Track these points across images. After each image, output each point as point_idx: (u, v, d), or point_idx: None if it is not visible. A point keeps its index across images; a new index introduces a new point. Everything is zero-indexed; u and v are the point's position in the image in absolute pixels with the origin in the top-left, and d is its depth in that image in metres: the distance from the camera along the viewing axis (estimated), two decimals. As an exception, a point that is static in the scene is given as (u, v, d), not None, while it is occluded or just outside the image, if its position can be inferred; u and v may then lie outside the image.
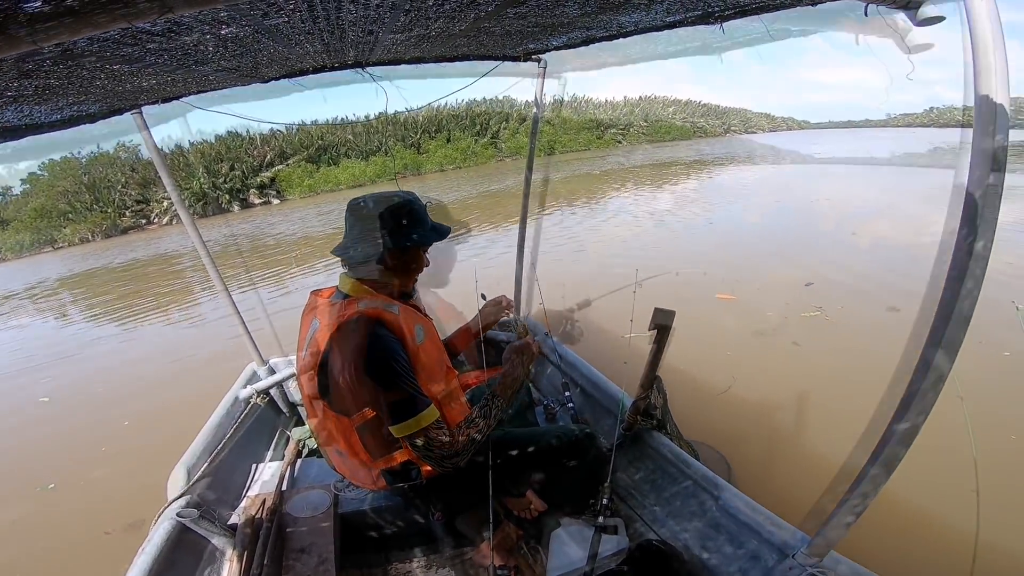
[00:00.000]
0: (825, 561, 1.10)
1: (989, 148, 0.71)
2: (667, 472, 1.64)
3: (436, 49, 1.74)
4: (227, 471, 1.87)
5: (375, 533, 1.65)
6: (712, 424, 2.67)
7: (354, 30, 1.24)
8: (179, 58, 1.16)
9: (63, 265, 16.47)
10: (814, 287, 4.82)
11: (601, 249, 7.43)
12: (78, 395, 4.74)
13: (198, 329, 6.34)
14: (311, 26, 1.14)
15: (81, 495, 3.04)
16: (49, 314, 9.09)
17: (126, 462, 3.27)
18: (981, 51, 0.69)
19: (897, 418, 0.87)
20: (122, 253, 16.56)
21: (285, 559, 1.44)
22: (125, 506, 2.67)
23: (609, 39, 1.68)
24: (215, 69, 1.35)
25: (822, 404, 2.95)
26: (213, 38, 1.07)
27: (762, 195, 11.98)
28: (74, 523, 2.74)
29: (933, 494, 2.18)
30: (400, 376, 1.16)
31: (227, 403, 2.16)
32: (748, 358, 3.61)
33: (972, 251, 0.75)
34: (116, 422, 3.93)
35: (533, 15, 1.26)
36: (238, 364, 2.51)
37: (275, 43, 1.22)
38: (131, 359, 5.59)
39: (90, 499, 2.97)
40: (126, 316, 7.54)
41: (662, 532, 1.53)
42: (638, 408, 1.70)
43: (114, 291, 9.91)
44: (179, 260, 12.82)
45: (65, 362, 5.80)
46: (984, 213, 0.73)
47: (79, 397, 4.68)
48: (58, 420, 4.21)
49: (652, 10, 1.23)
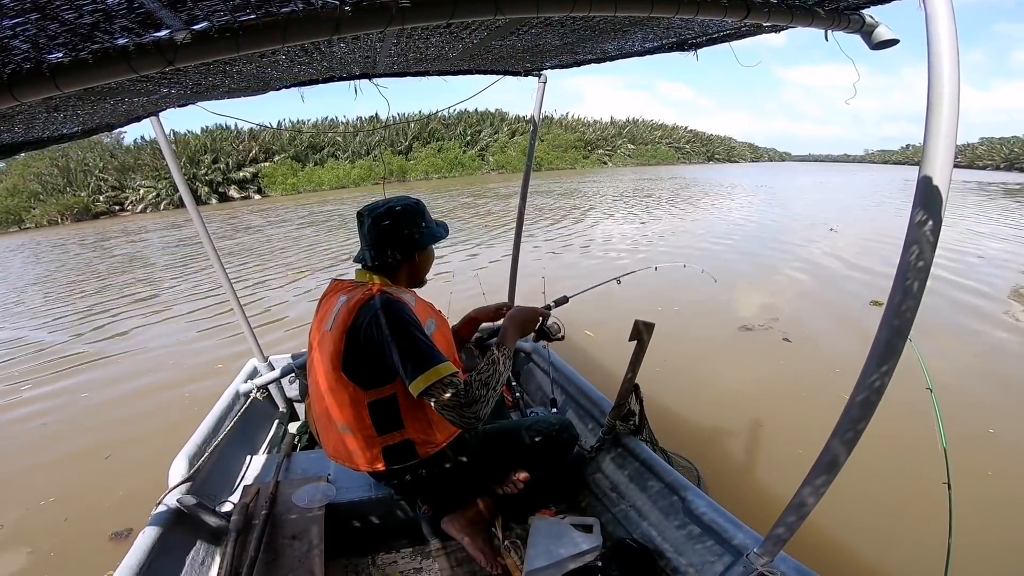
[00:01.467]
0: (776, 561, 1.17)
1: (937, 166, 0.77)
2: (641, 475, 1.73)
3: (439, 65, 1.84)
4: (225, 461, 1.94)
5: (364, 524, 1.71)
6: (686, 438, 2.80)
7: (352, 56, 1.35)
8: (192, 87, 1.26)
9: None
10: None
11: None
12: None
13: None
14: (309, 58, 1.24)
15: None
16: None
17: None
18: (936, 78, 0.74)
19: (841, 424, 0.93)
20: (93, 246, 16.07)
21: (278, 545, 1.50)
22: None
23: (596, 62, 1.85)
24: (227, 91, 1.46)
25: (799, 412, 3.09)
26: (221, 75, 1.17)
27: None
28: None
29: (906, 490, 2.35)
30: (419, 336, 1.27)
31: (228, 397, 2.22)
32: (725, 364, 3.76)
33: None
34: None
35: (521, 43, 1.39)
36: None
37: (278, 71, 1.33)
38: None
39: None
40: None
41: (634, 531, 1.61)
42: (617, 413, 1.79)
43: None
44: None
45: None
46: (931, 200, 0.77)
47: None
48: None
49: (630, 39, 1.38)
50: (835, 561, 2.00)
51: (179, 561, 1.47)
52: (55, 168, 26.85)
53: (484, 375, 1.27)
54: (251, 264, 9.26)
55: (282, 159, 33.58)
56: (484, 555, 1.55)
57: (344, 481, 1.76)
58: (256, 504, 1.62)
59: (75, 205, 25.70)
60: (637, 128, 53.71)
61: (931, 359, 3.63)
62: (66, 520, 2.59)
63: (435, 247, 1.55)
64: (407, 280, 1.51)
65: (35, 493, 2.83)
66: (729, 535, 1.35)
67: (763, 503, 2.25)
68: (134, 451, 3.16)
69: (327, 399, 1.39)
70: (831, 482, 0.98)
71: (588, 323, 4.62)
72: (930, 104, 0.76)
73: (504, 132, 41.79)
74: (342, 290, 1.43)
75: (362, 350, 1.30)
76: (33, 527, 2.57)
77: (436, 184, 31.39)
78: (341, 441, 1.44)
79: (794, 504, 1.04)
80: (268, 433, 2.35)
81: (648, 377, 3.40)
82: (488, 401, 1.25)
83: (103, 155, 28.87)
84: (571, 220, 12.66)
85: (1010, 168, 42.77)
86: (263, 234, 13.70)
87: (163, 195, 27.04)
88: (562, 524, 1.62)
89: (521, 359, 2.77)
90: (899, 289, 0.82)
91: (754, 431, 2.98)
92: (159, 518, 1.48)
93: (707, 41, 1.34)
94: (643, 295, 5.50)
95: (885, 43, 0.96)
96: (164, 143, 2.04)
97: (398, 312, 1.29)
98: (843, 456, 0.93)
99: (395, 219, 1.43)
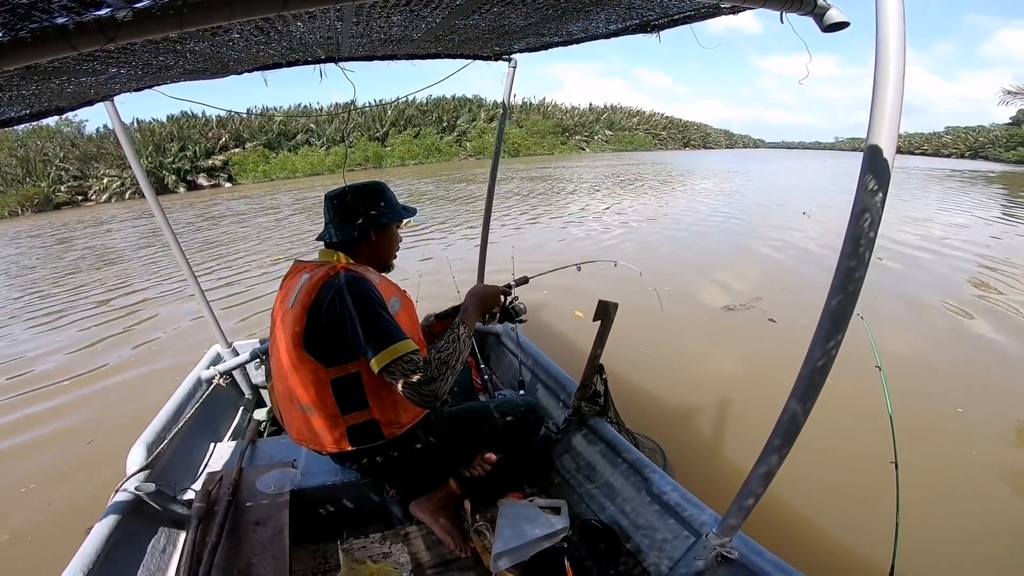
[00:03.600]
0: (734, 541, 1.21)
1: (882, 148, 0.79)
2: (606, 456, 1.75)
3: (406, 48, 1.81)
4: (187, 449, 1.90)
5: (331, 509, 1.70)
6: (652, 419, 2.85)
7: (313, 36, 1.32)
8: (142, 67, 1.22)
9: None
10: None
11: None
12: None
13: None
14: (266, 38, 1.21)
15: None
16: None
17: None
18: (883, 51, 0.77)
19: (790, 403, 0.96)
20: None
21: (242, 531, 1.47)
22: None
23: (563, 44, 1.85)
24: (182, 72, 1.42)
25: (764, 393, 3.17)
26: (172, 54, 1.14)
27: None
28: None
29: (861, 471, 2.44)
30: (381, 313, 1.27)
31: (189, 383, 2.17)
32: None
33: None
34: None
35: (485, 23, 1.38)
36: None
37: (235, 51, 1.29)
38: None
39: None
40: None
41: (600, 512, 1.63)
42: (582, 394, 1.81)
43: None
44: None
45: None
46: (879, 168, 0.80)
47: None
48: None
49: (594, 20, 1.38)
50: (792, 540, 2.07)
51: (139, 549, 1.44)
52: (13, 159, 25.70)
53: (444, 353, 1.27)
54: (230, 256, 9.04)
55: (253, 147, 32.70)
56: (453, 538, 1.56)
57: (311, 467, 1.75)
58: (219, 491, 1.59)
59: (35, 196, 24.66)
60: (615, 114, 53.73)
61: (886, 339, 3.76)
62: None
63: (409, 233, 1.55)
64: (368, 260, 1.51)
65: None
66: (690, 516, 1.38)
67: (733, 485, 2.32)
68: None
69: (290, 378, 1.38)
70: (782, 461, 1.01)
71: (577, 304, 4.69)
72: (877, 76, 0.79)
73: (482, 118, 41.35)
74: (305, 269, 1.43)
75: (324, 327, 1.30)
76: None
77: (413, 170, 31.00)
78: (305, 422, 1.43)
79: (749, 486, 1.08)
80: (233, 420, 2.31)
81: (639, 360, 3.50)
82: (447, 379, 1.25)
83: (64, 144, 27.71)
84: (553, 203, 12.71)
85: (975, 156, 42.89)
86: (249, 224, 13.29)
87: (128, 184, 26.12)
88: (530, 507, 1.64)
89: (491, 342, 2.78)
90: (851, 256, 0.84)
91: (723, 411, 3.06)
92: (117, 507, 1.44)
93: (669, 22, 1.35)
94: (631, 279, 5.59)
95: (836, 26, 0.98)
96: (119, 128, 1.98)
97: (362, 289, 1.28)
98: (797, 427, 0.96)
99: (354, 197, 1.47)
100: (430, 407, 1.27)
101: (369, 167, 33.87)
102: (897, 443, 1.30)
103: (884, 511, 1.85)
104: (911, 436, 2.40)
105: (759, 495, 1.09)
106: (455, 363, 1.29)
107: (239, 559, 1.39)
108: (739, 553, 1.19)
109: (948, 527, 2.16)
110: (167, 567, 1.47)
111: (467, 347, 1.34)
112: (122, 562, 1.36)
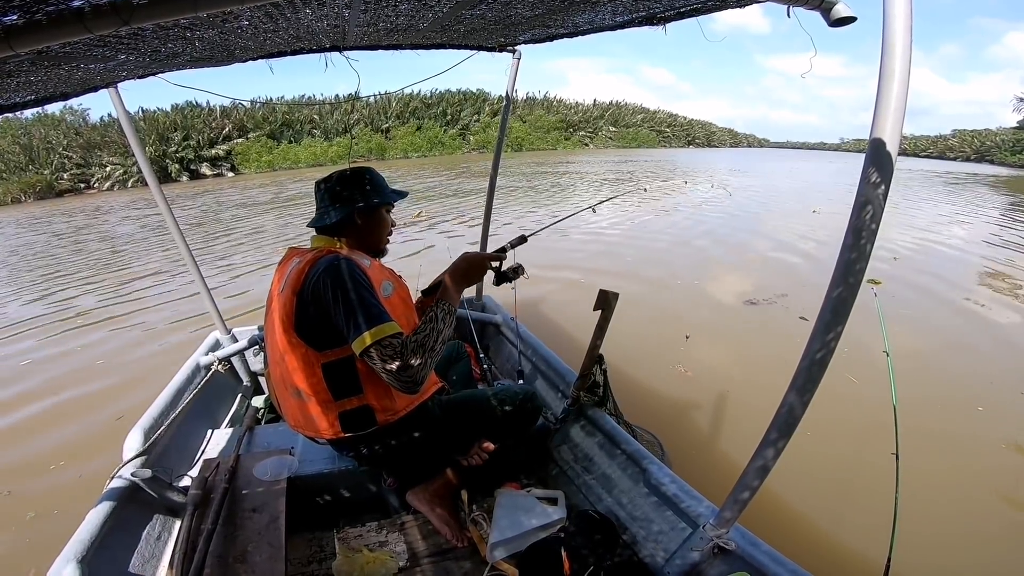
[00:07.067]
0: (731, 533, 1.22)
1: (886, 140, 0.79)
2: (604, 447, 1.76)
3: (411, 38, 1.81)
4: (184, 435, 1.90)
5: (328, 497, 1.70)
6: (651, 411, 2.87)
7: (320, 24, 1.33)
8: (150, 53, 1.22)
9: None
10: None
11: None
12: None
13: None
14: (275, 25, 1.21)
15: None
16: None
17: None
18: (889, 47, 0.76)
19: (788, 396, 0.96)
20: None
21: (238, 518, 1.48)
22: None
23: (569, 36, 1.85)
24: (188, 59, 1.42)
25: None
26: (182, 41, 1.14)
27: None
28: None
29: (860, 465, 2.43)
30: (365, 296, 1.26)
31: (187, 369, 2.16)
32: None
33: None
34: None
35: (492, 13, 1.38)
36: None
37: (242, 39, 1.29)
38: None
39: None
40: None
41: (597, 502, 1.64)
42: (582, 384, 1.82)
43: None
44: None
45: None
46: (882, 161, 0.79)
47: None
48: None
49: (600, 11, 1.38)
50: (789, 532, 2.07)
51: (134, 536, 1.44)
52: (16, 146, 25.67)
53: (421, 335, 1.25)
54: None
55: (256, 136, 32.60)
56: (450, 527, 1.57)
57: (309, 454, 1.75)
58: (215, 477, 1.59)
59: (38, 183, 24.62)
60: (620, 111, 53.39)
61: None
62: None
63: (402, 218, 1.55)
64: (358, 244, 1.51)
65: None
66: (688, 507, 1.38)
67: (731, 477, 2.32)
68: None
69: (283, 363, 1.39)
70: (779, 454, 1.02)
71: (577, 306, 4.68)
72: (883, 69, 0.79)
73: (486, 112, 41.13)
74: (297, 255, 1.44)
75: (311, 310, 1.30)
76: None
77: (416, 163, 30.90)
78: (300, 408, 1.44)
79: (746, 479, 1.09)
80: (231, 407, 2.31)
81: (638, 354, 3.51)
82: (426, 363, 1.23)
83: (67, 133, 27.65)
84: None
85: (980, 160, 41.54)
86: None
87: (131, 172, 26.08)
88: (527, 497, 1.65)
89: (491, 332, 2.78)
90: (852, 248, 0.84)
91: (721, 405, 3.07)
92: (112, 493, 1.44)
93: (676, 15, 1.35)
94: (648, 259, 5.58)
95: (843, 20, 0.98)
96: (123, 115, 1.97)
97: (347, 271, 1.28)
98: (794, 421, 0.97)
99: (337, 182, 1.48)
100: (411, 392, 1.25)
101: (372, 158, 33.72)
102: (901, 439, 1.29)
103: (882, 504, 1.85)
104: (917, 435, 2.41)
105: (756, 487, 1.10)
106: (434, 344, 1.26)
107: (235, 546, 1.39)
108: (735, 544, 1.20)
109: (948, 527, 2.15)
110: (162, 554, 1.47)
111: (448, 325, 1.32)
112: (116, 548, 1.36)
